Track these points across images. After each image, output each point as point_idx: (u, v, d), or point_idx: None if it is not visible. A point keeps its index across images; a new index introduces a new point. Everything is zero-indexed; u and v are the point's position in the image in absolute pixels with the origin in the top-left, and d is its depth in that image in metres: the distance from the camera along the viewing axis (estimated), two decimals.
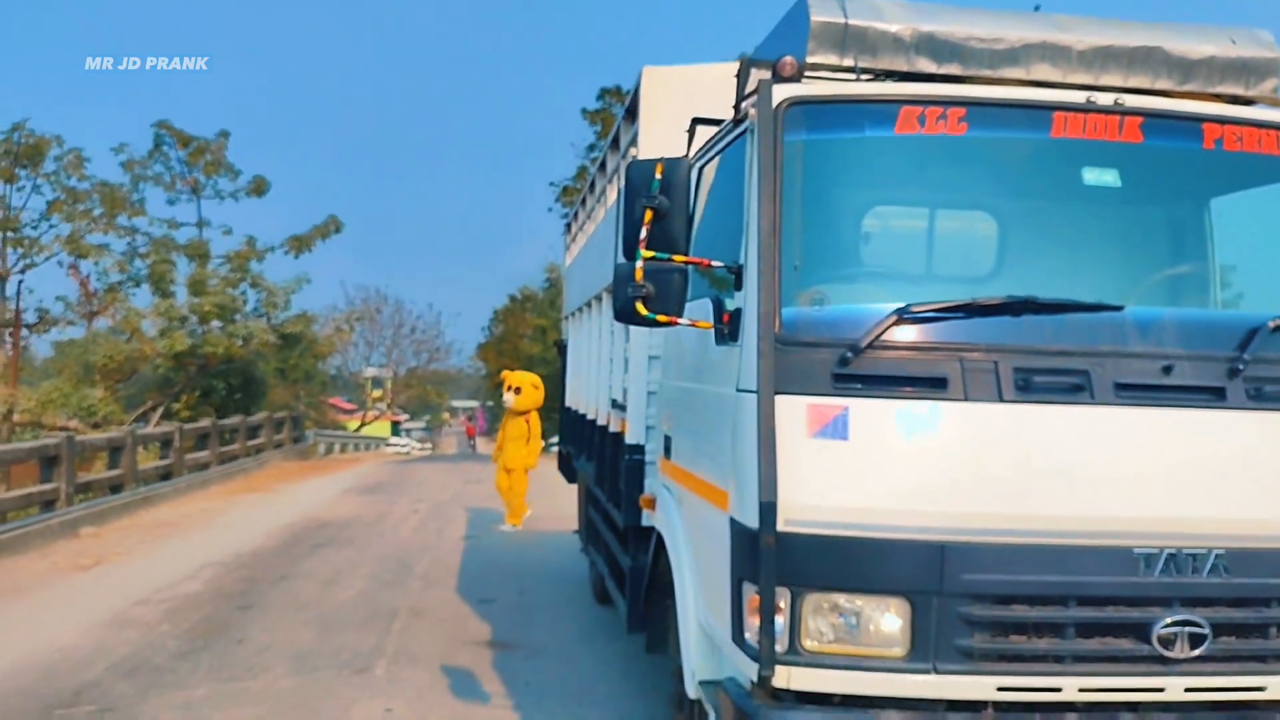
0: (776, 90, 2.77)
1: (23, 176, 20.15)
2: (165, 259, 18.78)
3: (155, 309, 18.40)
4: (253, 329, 18.06)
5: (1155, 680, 2.54)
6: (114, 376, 19.73)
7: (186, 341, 17.71)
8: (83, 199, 20.27)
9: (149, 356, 18.62)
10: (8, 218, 19.93)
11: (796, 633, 2.54)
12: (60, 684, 5.10)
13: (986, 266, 3.23)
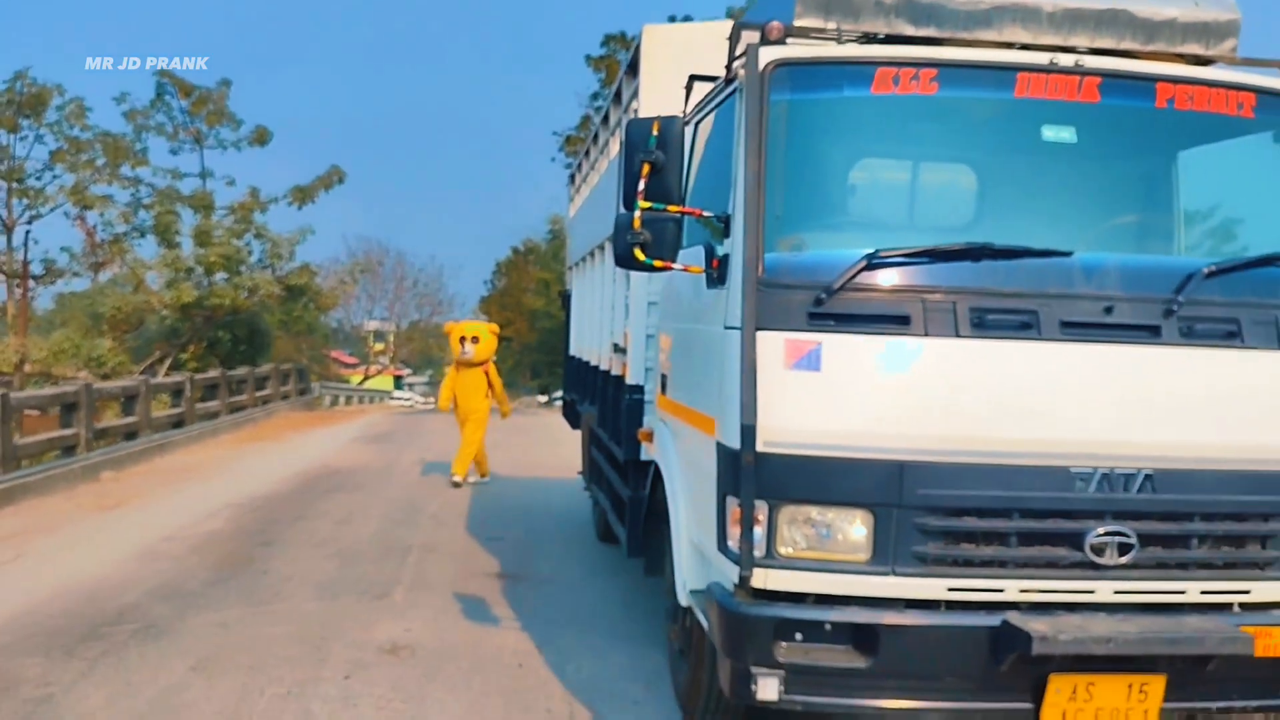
0: (763, 53, 3.08)
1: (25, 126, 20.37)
2: (170, 210, 19.07)
3: (161, 260, 18.74)
4: (258, 280, 18.42)
5: (1087, 584, 2.93)
6: (121, 327, 20.16)
7: (193, 293, 18.09)
8: (85, 149, 20.49)
9: (156, 308, 19.00)
10: (12, 168, 20.18)
11: (773, 540, 2.92)
12: (102, 606, 5.55)
13: (960, 216, 3.56)
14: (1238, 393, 2.97)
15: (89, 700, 4.15)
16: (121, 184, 19.96)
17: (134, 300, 19.48)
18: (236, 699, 4.18)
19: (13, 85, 19.60)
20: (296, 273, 19.69)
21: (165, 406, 15.03)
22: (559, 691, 4.32)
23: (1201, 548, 2.97)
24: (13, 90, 19.66)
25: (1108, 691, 2.90)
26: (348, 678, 4.45)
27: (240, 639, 4.99)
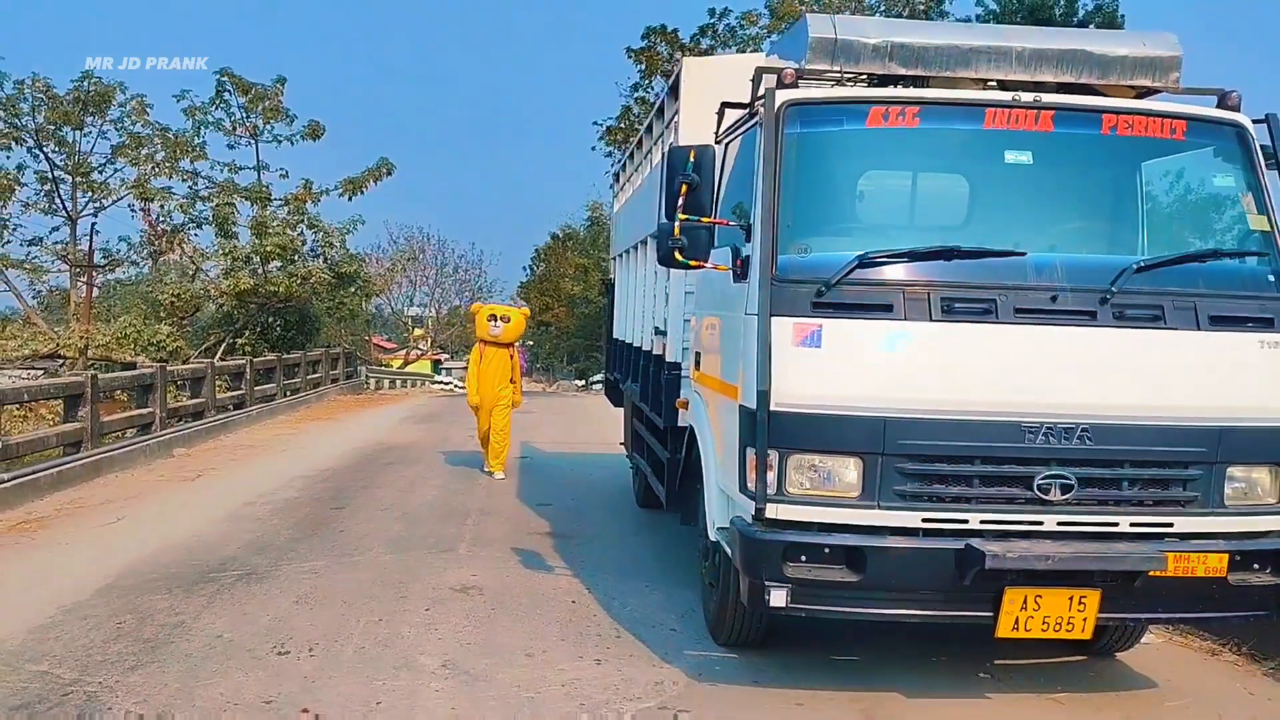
0: (779, 94, 3.91)
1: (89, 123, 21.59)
2: (228, 202, 20.19)
3: (220, 249, 19.88)
4: (311, 269, 19.49)
5: (1036, 516, 3.73)
6: (178, 314, 21.35)
7: (249, 281, 19.20)
8: (145, 144, 21.67)
9: (213, 295, 20.17)
10: (78, 163, 21.44)
11: (783, 481, 3.76)
12: (206, 558, 6.52)
13: (940, 223, 4.35)
14: (1161, 364, 3.74)
15: (215, 625, 5.09)
16: (180, 177, 21.15)
17: (192, 288, 20.67)
18: (338, 624, 5.10)
19: (80, 84, 20.81)
20: (347, 261, 20.77)
21: (225, 389, 16.17)
22: (606, 621, 5.20)
23: (1132, 488, 3.76)
24: (80, 89, 20.86)
25: (1052, 602, 3.70)
26: (427, 610, 5.37)
27: (331, 582, 5.92)
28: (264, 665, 4.46)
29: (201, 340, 21.26)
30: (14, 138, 20.98)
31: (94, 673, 4.32)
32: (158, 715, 3.89)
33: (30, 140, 21.15)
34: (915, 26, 4.18)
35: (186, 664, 4.47)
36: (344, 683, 4.26)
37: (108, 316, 22.34)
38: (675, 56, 30.88)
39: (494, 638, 4.91)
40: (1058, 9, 23.12)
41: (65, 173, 21.83)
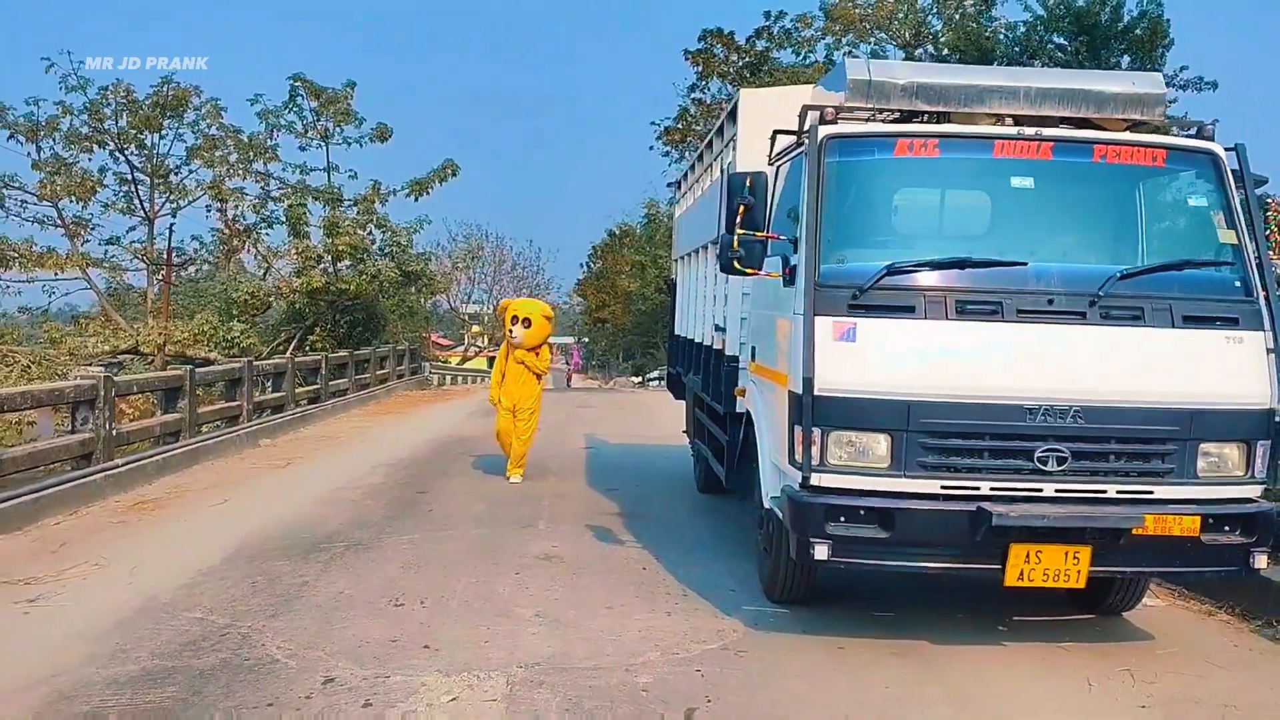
0: (821, 130, 4.81)
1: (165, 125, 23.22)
2: (301, 203, 21.62)
3: (294, 248, 21.31)
4: (381, 267, 20.81)
5: (1037, 484, 4.57)
6: (250, 311, 22.87)
7: (321, 279, 20.58)
8: (219, 146, 23.25)
9: (285, 293, 21.62)
10: (156, 166, 23.10)
11: (825, 454, 4.65)
12: (313, 532, 7.61)
13: (959, 236, 5.21)
14: (1141, 356, 4.56)
15: (335, 584, 6.15)
16: (254, 178, 22.69)
17: (266, 286, 22.17)
18: (441, 583, 6.13)
19: (160, 89, 22.43)
20: (414, 260, 22.07)
21: (301, 384, 17.52)
22: (674, 583, 6.16)
23: (1117, 461, 4.59)
24: (159, 93, 22.49)
25: (1051, 556, 4.54)
26: (517, 573, 6.37)
27: (428, 552, 6.97)
28: (384, 614, 5.50)
29: (273, 337, 22.75)
30: (97, 141, 22.71)
31: (242, 619, 5.38)
32: (304, 649, 4.94)
33: (112, 144, 22.87)
34: (937, 69, 5.09)
35: (318, 613, 5.52)
36: (454, 627, 5.27)
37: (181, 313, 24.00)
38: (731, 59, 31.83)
39: (577, 595, 5.89)
40: (1104, 15, 23.36)
41: (144, 174, 23.54)
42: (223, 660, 4.68)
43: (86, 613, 5.39)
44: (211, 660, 4.68)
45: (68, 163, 22.11)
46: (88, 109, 22.13)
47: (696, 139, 33.63)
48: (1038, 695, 4.46)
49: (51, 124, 22.02)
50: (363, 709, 4.13)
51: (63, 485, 8.25)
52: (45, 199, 22.18)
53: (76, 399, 9.30)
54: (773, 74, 30.91)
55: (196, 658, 4.71)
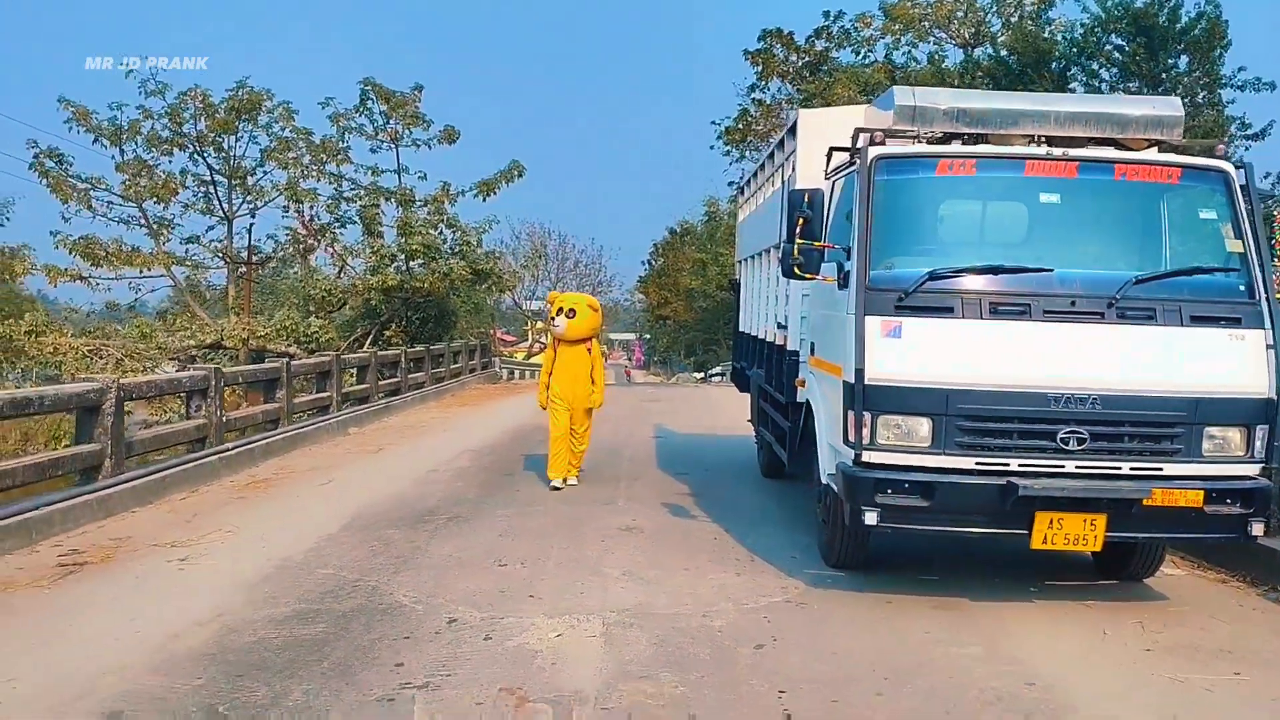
0: (870, 150, 5.66)
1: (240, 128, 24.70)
2: (374, 204, 22.93)
3: (369, 248, 22.63)
4: (452, 266, 22.00)
5: (1059, 461, 5.35)
6: (326, 308, 24.28)
7: (396, 278, 21.85)
8: (291, 148, 24.67)
9: (361, 290, 22.95)
10: (234, 168, 24.60)
11: (874, 435, 5.50)
12: (414, 508, 8.65)
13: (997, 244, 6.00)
14: (1153, 351, 5.31)
15: (444, 549, 7.16)
16: (327, 180, 24.05)
17: (342, 284, 23.53)
18: (536, 549, 7.10)
19: (235, 93, 23.91)
20: (483, 259, 23.24)
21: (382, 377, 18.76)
22: (743, 551, 7.05)
23: (1130, 442, 5.35)
24: (235, 97, 23.97)
25: (1071, 523, 5.34)
26: (602, 541, 7.33)
27: (520, 524, 7.96)
28: (491, 571, 6.49)
29: (349, 332, 24.13)
30: (178, 144, 24.27)
31: (369, 575, 6.41)
32: (427, 597, 5.94)
33: (191, 147, 24.43)
34: (975, 95, 5.89)
35: (434, 571, 6.53)
36: (552, 581, 6.24)
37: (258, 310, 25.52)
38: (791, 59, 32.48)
39: (657, 558, 6.82)
40: (1162, 16, 23.48)
41: (222, 176, 25.08)
42: (359, 605, 5.71)
43: (231, 569, 6.47)
44: (350, 605, 5.71)
45: (149, 165, 23.68)
46: (168, 113, 23.67)
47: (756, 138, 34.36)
48: (1058, 640, 5.26)
49: (134, 127, 23.59)
50: (484, 641, 5.10)
51: (184, 465, 9.45)
52: (129, 200, 23.78)
53: (191, 388, 10.51)
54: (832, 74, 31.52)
55: (336, 602, 5.75)
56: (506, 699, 4.31)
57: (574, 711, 4.21)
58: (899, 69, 30.82)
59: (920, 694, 4.50)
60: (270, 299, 26.56)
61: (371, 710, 4.17)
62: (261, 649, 4.90)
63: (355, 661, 4.74)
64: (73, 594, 5.84)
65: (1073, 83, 25.19)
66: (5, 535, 6.52)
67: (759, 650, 5.03)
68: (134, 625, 5.24)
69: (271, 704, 4.21)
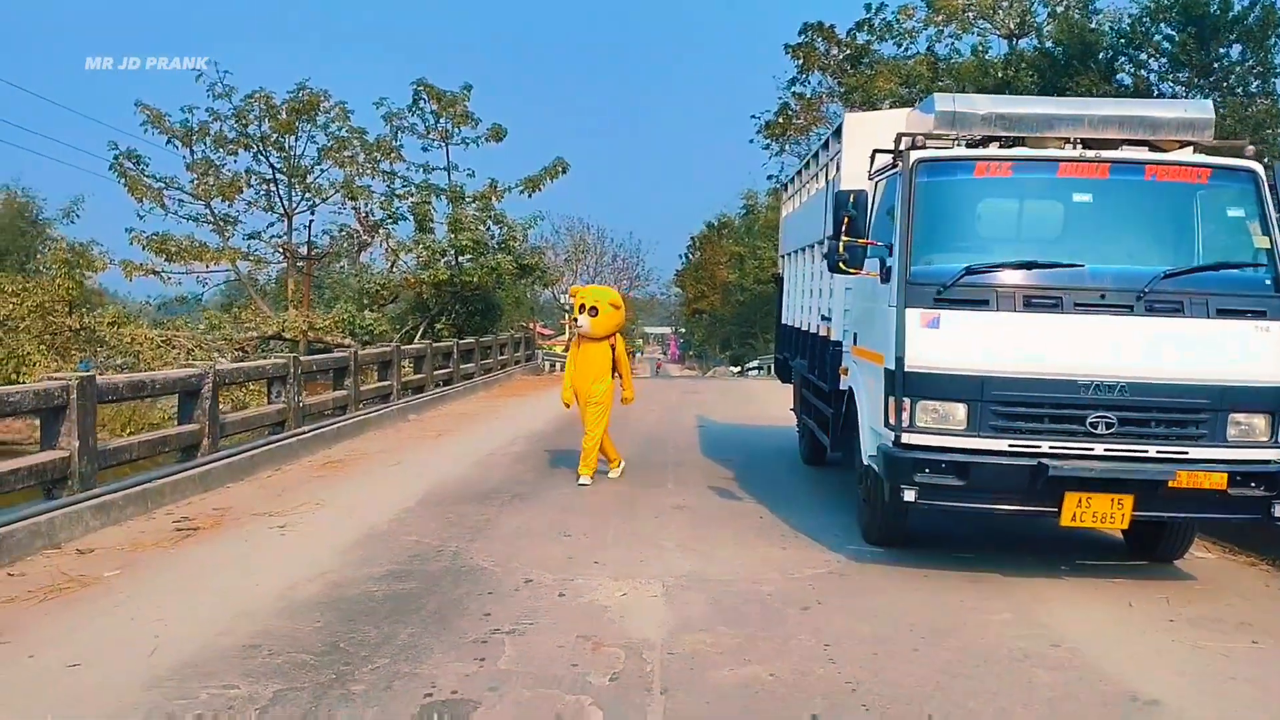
0: (912, 154, 6.04)
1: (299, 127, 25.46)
2: (426, 200, 23.59)
3: (420, 243, 23.27)
4: (500, 261, 22.59)
5: (1088, 444, 5.69)
6: (378, 301, 24.99)
7: (446, 272, 22.47)
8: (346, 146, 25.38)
9: (413, 284, 23.61)
10: (294, 166, 25.37)
11: (913, 419, 5.87)
12: (479, 487, 9.15)
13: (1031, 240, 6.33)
14: (1180, 342, 5.63)
15: (512, 522, 7.65)
16: (381, 177, 24.75)
17: (394, 278, 24.23)
18: (596, 523, 7.57)
19: (295, 94, 24.67)
20: (529, 254, 23.81)
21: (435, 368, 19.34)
22: (787, 528, 7.46)
23: (1158, 427, 5.68)
24: (294, 99, 24.73)
25: (1099, 503, 5.68)
26: (656, 517, 7.78)
27: (579, 502, 8.43)
28: (557, 542, 6.96)
29: (402, 324, 24.81)
30: (243, 145, 25.08)
31: (449, 542, 6.91)
32: (504, 561, 6.42)
33: (255, 147, 25.22)
34: (1012, 100, 6.25)
35: (505, 540, 7.01)
36: (614, 551, 6.70)
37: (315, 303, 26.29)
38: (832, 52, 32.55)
39: (708, 533, 7.26)
40: (1214, 5, 23.27)
41: (282, 174, 25.85)
42: (444, 567, 6.20)
43: (326, 536, 7.02)
44: (437, 566, 6.21)
45: (216, 165, 24.52)
46: (235, 115, 24.49)
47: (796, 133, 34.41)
48: (1085, 610, 5.62)
49: (203, 130, 24.44)
50: (559, 598, 5.57)
51: (269, 445, 10.04)
52: (198, 198, 24.64)
53: (274, 375, 11.11)
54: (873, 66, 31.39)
55: (424, 564, 6.25)
56: (584, 643, 4.78)
57: (644, 654, 4.66)
58: (942, 61, 30.61)
59: (954, 650, 4.90)
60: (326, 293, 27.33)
61: (469, 649, 4.66)
62: (366, 600, 5.42)
63: (448, 611, 5.25)
64: (193, 554, 6.43)
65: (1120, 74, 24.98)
66: (127, 503, 7.13)
67: (805, 611, 5.45)
68: (253, 580, 5.80)
69: (383, 642, 4.72)
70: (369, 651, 4.61)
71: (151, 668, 4.37)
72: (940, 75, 29.13)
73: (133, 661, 4.45)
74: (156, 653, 4.54)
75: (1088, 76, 23.64)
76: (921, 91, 28.04)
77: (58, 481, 6.63)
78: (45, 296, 18.47)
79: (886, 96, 28.65)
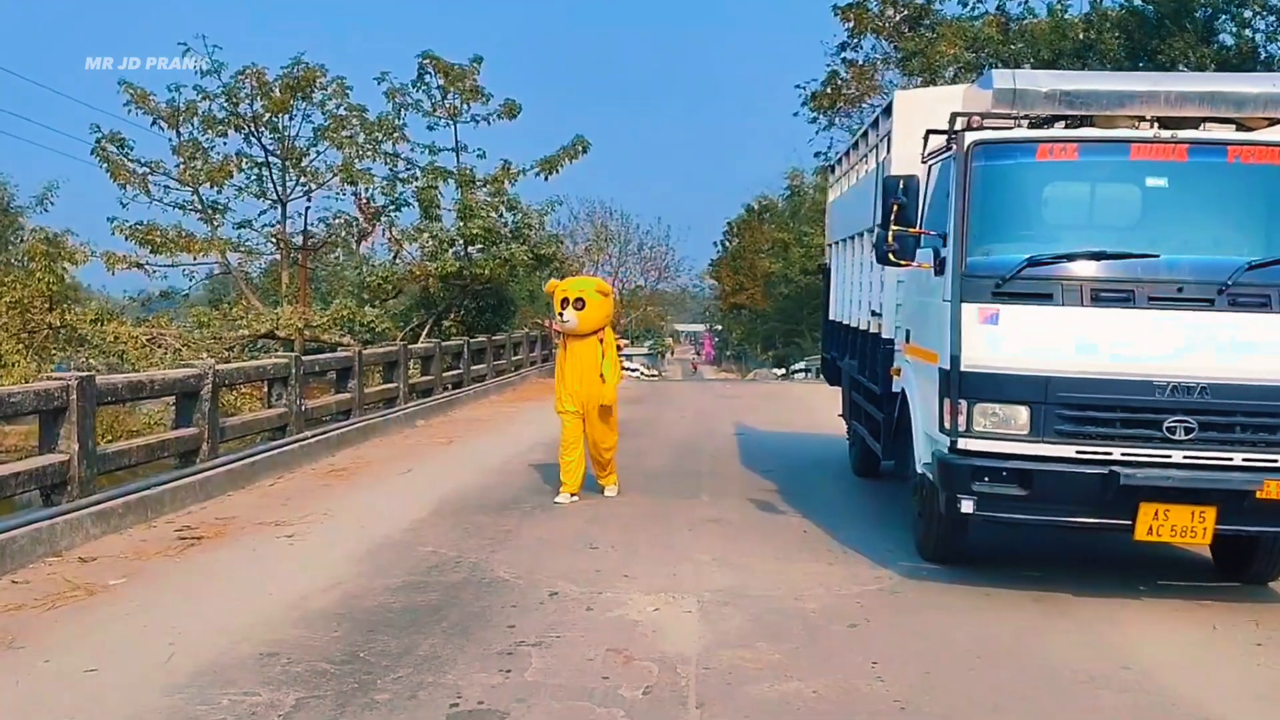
0: (968, 136, 6.28)
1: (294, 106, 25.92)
2: (433, 185, 23.93)
3: (428, 231, 23.64)
4: (514, 251, 22.92)
5: (1165, 451, 5.90)
6: (381, 296, 25.39)
7: (455, 264, 22.84)
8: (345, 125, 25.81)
9: (418, 277, 23.99)
10: (289, 148, 25.85)
11: (971, 423, 6.11)
12: (496, 496, 9.46)
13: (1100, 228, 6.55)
14: (1266, 339, 5.82)
15: (534, 532, 7.95)
16: (383, 160, 25.13)
17: (398, 270, 24.61)
18: (625, 535, 7.85)
19: (291, 70, 25.15)
20: (545, 243, 24.13)
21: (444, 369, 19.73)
22: (834, 543, 7.72)
23: (1243, 433, 5.86)
24: (289, 75, 25.20)
25: (1178, 515, 5.88)
26: (689, 530, 8.06)
27: (606, 513, 8.71)
28: (583, 553, 7.26)
29: (405, 322, 25.21)
30: (234, 125, 25.59)
31: (468, 553, 7.22)
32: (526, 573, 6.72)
33: (247, 128, 25.71)
34: (1078, 76, 6.47)
35: (529, 551, 7.32)
36: (644, 564, 6.98)
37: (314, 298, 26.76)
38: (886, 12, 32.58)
39: (747, 548, 7.53)
40: None
41: (275, 156, 26.33)
42: (464, 578, 6.53)
43: (338, 546, 7.37)
44: (456, 578, 6.53)
45: (204, 148, 25.01)
46: (225, 93, 24.98)
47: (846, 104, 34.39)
48: (1162, 632, 5.83)
49: (191, 109, 24.95)
50: (586, 611, 5.87)
51: (269, 452, 10.43)
52: (185, 184, 25.15)
53: (274, 376, 11.50)
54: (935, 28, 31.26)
55: (443, 575, 6.58)
56: (615, 657, 5.07)
57: (678, 668, 4.95)
58: (1014, 21, 30.37)
59: (1013, 670, 5.14)
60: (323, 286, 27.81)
61: (494, 660, 4.97)
62: (384, 611, 5.76)
63: (471, 623, 5.57)
64: (200, 562, 6.82)
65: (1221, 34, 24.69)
66: (127, 511, 7.54)
67: (852, 629, 5.71)
68: (265, 589, 6.18)
69: (404, 653, 5.05)
70: (390, 661, 4.93)
71: (169, 674, 4.72)
72: (1012, 38, 28.97)
73: (149, 668, 4.81)
74: (173, 659, 4.90)
75: (1182, 38, 23.38)
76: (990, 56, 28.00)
77: (57, 486, 7.02)
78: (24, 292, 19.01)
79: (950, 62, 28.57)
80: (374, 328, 23.78)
